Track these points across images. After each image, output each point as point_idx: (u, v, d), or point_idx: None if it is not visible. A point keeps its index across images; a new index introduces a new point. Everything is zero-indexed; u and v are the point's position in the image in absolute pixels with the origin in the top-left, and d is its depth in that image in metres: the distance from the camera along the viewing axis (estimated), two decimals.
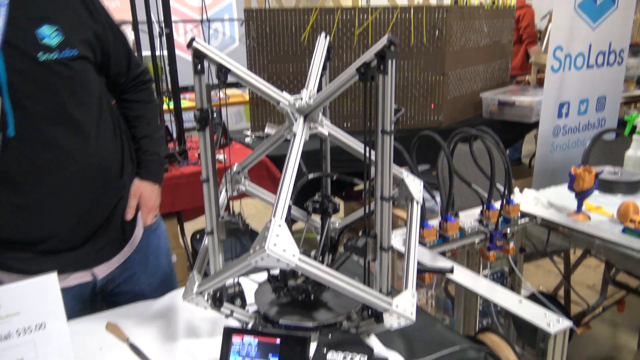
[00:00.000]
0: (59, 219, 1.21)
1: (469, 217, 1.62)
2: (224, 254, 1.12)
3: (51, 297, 0.93)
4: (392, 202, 0.99)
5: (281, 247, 0.84)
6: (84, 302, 1.35)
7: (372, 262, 1.01)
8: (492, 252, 1.55)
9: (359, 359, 0.96)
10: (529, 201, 1.85)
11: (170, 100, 2.59)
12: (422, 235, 1.49)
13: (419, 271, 1.13)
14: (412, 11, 3.05)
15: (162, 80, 2.61)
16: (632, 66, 4.50)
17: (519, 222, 1.64)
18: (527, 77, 4.40)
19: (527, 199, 1.86)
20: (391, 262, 1.19)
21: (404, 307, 0.97)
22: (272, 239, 0.84)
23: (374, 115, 0.94)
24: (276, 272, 1.17)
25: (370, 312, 1.04)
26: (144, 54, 2.60)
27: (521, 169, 4.51)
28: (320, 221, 1.29)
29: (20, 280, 1.21)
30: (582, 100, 3.20)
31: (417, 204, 1.16)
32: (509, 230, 1.60)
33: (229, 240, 1.11)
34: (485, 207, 1.59)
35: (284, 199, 0.89)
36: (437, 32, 3.09)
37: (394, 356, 1.05)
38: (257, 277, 1.36)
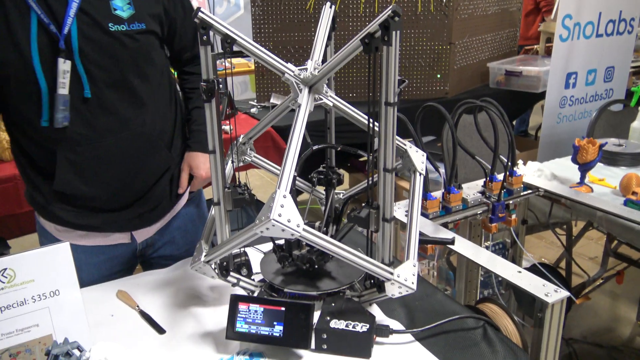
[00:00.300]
0: (106, 180, 1.27)
1: (472, 189, 1.63)
2: (230, 224, 1.15)
3: (64, 265, 0.96)
4: (395, 174, 1.01)
5: (286, 217, 0.86)
6: (123, 264, 1.42)
7: (374, 233, 1.03)
8: (494, 224, 1.57)
9: (361, 327, 0.99)
10: (532, 173, 1.85)
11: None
12: (425, 206, 1.51)
13: (421, 242, 1.15)
14: None
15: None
16: None
17: (522, 194, 1.65)
18: (536, 47, 4.34)
19: (530, 171, 1.87)
20: (394, 233, 1.21)
21: (405, 277, 1.00)
22: (277, 210, 0.86)
23: (378, 86, 0.95)
24: (281, 242, 1.20)
25: (372, 281, 1.07)
26: None
27: (528, 140, 4.49)
28: (324, 192, 1.31)
29: (66, 232, 1.32)
30: (590, 70, 3.16)
31: (420, 175, 1.17)
32: (511, 202, 1.61)
33: (235, 210, 1.14)
34: (488, 178, 1.60)
35: (289, 170, 0.91)
36: (444, 0, 3.04)
37: (395, 324, 1.09)
38: (262, 247, 1.39)
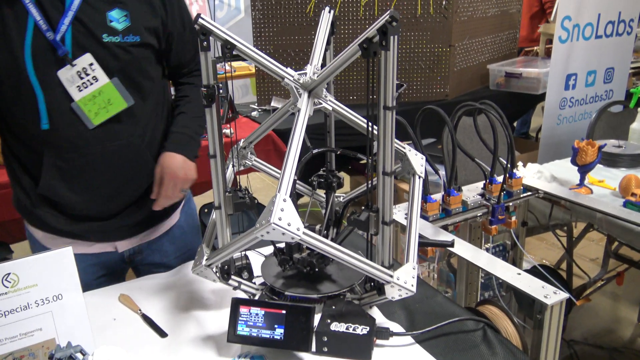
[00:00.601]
0: (91, 188, 1.28)
1: (471, 191, 1.64)
2: (231, 228, 1.15)
3: (67, 270, 0.97)
4: (395, 177, 1.01)
5: (286, 221, 0.87)
6: (108, 269, 1.42)
7: (374, 236, 1.04)
8: (494, 226, 1.57)
9: (361, 329, 1.00)
10: (532, 175, 1.86)
11: None
12: (425, 209, 1.51)
13: (421, 245, 1.16)
14: None
15: None
16: None
17: (522, 196, 1.66)
18: (536, 48, 4.34)
19: (530, 173, 1.87)
20: (394, 235, 1.22)
21: (405, 279, 1.01)
22: (278, 213, 0.87)
23: (376, 90, 0.96)
24: (282, 245, 1.21)
25: (372, 284, 1.08)
26: None
27: (529, 142, 4.49)
28: (325, 196, 1.31)
29: (52, 239, 1.32)
30: (589, 71, 3.17)
31: (419, 178, 1.18)
32: (511, 204, 1.62)
33: (236, 213, 1.15)
34: (488, 180, 1.60)
35: (289, 174, 0.91)
36: (443, 2, 3.05)
37: (395, 327, 1.09)
38: (263, 250, 1.40)
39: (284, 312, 1.01)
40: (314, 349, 1.01)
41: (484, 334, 1.08)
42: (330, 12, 1.18)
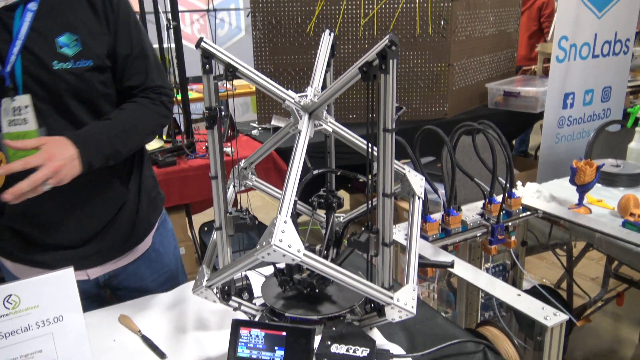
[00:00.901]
0: (58, 217, 1.24)
1: (471, 211, 1.65)
2: (232, 248, 1.16)
3: (68, 291, 0.97)
4: (395, 198, 1.02)
5: (287, 242, 0.87)
6: (84, 295, 1.35)
7: (374, 257, 1.04)
8: (494, 246, 1.58)
9: (361, 351, 1.00)
10: (531, 194, 1.87)
11: (178, 92, 2.62)
12: (424, 228, 1.52)
13: (421, 265, 1.16)
14: (417, 1, 3.05)
15: (170, 72, 2.64)
16: (639, 55, 4.47)
17: (521, 216, 1.66)
18: (534, 67, 4.39)
19: (529, 192, 1.88)
20: (394, 255, 1.22)
21: (405, 301, 1.01)
22: (278, 235, 0.87)
23: (376, 112, 0.97)
24: (282, 266, 1.21)
25: (372, 305, 1.08)
26: None
27: (528, 160, 4.51)
28: (325, 216, 1.32)
29: (16, 268, 1.28)
30: (587, 90, 3.20)
31: (419, 199, 1.18)
32: (510, 223, 1.63)
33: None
34: (487, 200, 1.61)
35: (289, 195, 0.92)
36: (442, 22, 3.09)
37: (395, 348, 1.09)
38: (264, 271, 1.40)
39: (284, 334, 1.01)
40: None
41: (485, 356, 1.08)
42: (330, 34, 1.20)
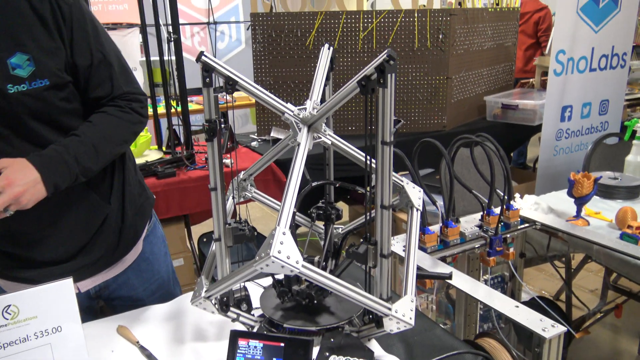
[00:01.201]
0: (40, 235, 1.22)
1: (469, 223, 1.66)
2: (230, 259, 1.16)
3: (67, 302, 0.97)
4: (393, 210, 1.03)
5: (285, 254, 0.88)
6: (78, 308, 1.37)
7: (373, 268, 1.05)
8: (492, 258, 1.58)
9: None
10: (529, 206, 1.88)
11: (178, 104, 2.64)
12: (423, 240, 1.53)
13: (419, 277, 1.17)
14: (416, 15, 3.08)
15: (170, 85, 2.66)
16: (636, 68, 4.50)
17: (519, 228, 1.67)
18: (531, 80, 4.42)
19: (527, 204, 1.89)
20: (392, 267, 1.23)
21: (403, 312, 1.01)
22: (277, 247, 0.88)
23: (374, 125, 0.98)
24: (281, 277, 1.21)
25: (371, 316, 1.08)
26: (152, 58, 2.65)
27: (526, 172, 4.52)
28: (324, 227, 1.33)
29: (6, 284, 1.27)
30: (585, 103, 3.22)
31: (417, 211, 1.19)
32: (508, 235, 1.63)
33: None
34: (485, 212, 1.62)
35: (288, 207, 0.93)
36: (440, 36, 3.12)
37: None
38: (262, 282, 1.40)
39: (283, 344, 1.01)
40: None
41: None
42: (329, 48, 1.21)
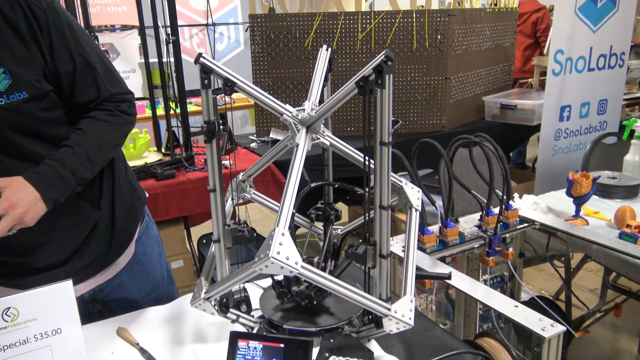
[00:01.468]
0: (31, 244, 1.21)
1: (468, 223, 1.66)
2: (230, 260, 1.16)
3: (67, 304, 0.97)
4: (392, 210, 1.03)
5: (284, 255, 0.88)
6: None
7: (372, 269, 1.05)
8: (492, 257, 1.58)
9: None
10: (528, 206, 1.88)
11: (177, 106, 2.64)
12: (422, 240, 1.53)
13: (418, 277, 1.17)
14: (414, 15, 3.09)
15: (169, 86, 2.66)
16: (635, 67, 4.51)
17: (518, 228, 1.67)
18: (530, 80, 4.43)
19: (526, 204, 1.89)
20: (392, 267, 1.23)
21: (403, 312, 1.01)
22: (276, 247, 0.88)
23: (373, 126, 0.98)
24: (280, 278, 1.21)
25: (370, 317, 1.08)
26: (151, 60, 2.65)
27: (525, 172, 4.53)
28: (323, 228, 1.33)
29: (5, 292, 1.23)
30: (583, 103, 3.23)
31: (416, 211, 1.19)
32: (508, 235, 1.63)
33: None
34: (484, 212, 1.62)
35: (287, 208, 0.93)
36: (439, 36, 3.12)
37: None
38: (262, 283, 1.40)
39: (282, 345, 1.01)
40: None
41: None
42: (327, 49, 1.21)
